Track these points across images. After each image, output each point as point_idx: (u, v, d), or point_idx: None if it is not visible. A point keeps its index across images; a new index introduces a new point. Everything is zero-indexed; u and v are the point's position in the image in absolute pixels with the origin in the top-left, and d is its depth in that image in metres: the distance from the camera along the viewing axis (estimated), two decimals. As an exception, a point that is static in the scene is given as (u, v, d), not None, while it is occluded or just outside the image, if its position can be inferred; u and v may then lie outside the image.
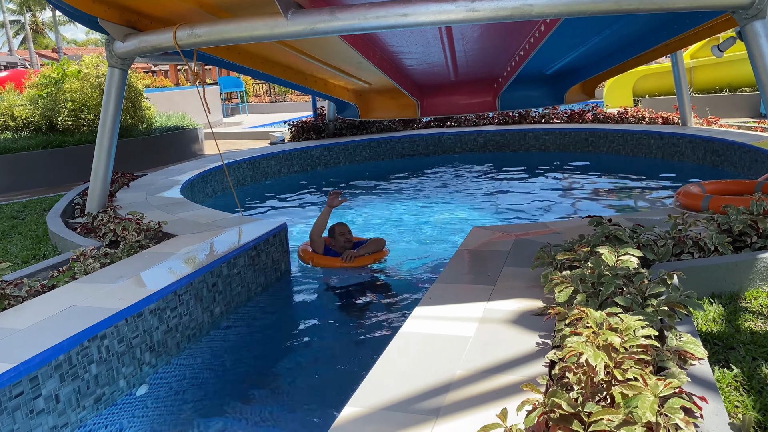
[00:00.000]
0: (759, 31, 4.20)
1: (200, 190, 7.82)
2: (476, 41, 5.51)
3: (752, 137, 7.97)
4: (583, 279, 2.74)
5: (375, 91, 7.64)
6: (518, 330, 2.69)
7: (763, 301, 3.31)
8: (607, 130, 9.89)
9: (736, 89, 13.40)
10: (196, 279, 3.76)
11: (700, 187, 5.07)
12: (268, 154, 9.55)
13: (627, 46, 6.54)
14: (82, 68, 10.31)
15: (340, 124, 11.07)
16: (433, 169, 9.88)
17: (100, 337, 3.01)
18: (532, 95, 7.39)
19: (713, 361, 2.72)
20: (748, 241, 3.65)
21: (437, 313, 2.95)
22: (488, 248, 4.02)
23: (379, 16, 3.90)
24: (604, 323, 2.22)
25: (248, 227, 4.82)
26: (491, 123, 11.41)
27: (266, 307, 4.43)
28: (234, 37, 4.34)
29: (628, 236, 3.44)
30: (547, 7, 3.80)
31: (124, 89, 5.50)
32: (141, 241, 4.43)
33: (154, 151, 10.69)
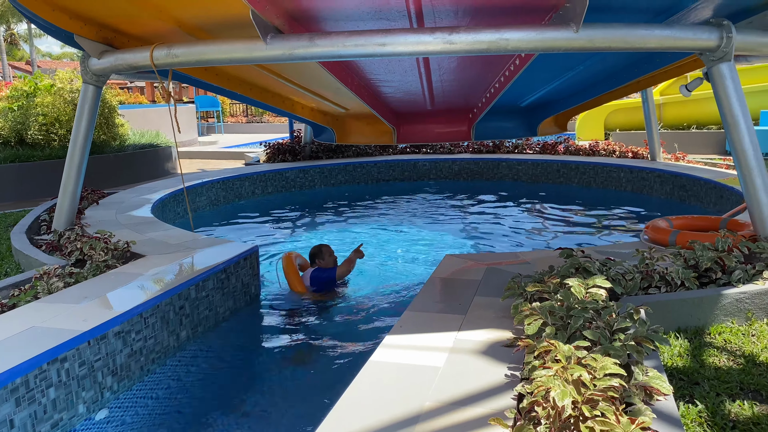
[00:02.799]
0: (725, 73, 4.33)
1: (171, 210, 7.72)
2: (453, 72, 5.59)
3: (718, 174, 8.19)
4: (553, 311, 2.76)
5: (352, 117, 7.68)
6: (488, 361, 2.69)
7: (726, 336, 3.37)
8: (579, 162, 10.07)
9: (703, 126, 13.80)
10: (162, 301, 3.69)
11: (667, 222, 5.17)
12: (243, 174, 9.49)
13: (599, 82, 6.70)
14: (55, 83, 10.18)
15: (317, 147, 11.09)
16: (408, 195, 9.93)
17: (61, 360, 2.92)
18: (506, 126, 7.50)
19: (678, 396, 2.75)
20: (713, 277, 3.72)
21: (408, 342, 2.94)
22: (460, 277, 4.03)
23: (357, 44, 3.93)
24: (573, 357, 2.24)
25: (218, 249, 4.76)
26: (466, 151, 11.53)
27: (235, 331, 4.37)
28: (212, 59, 4.33)
29: (598, 269, 3.49)
30: (522, 43, 3.88)
31: (98, 106, 5.43)
32: (108, 261, 4.34)
33: (126, 168, 10.55)
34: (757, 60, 8.06)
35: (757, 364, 3.05)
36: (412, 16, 4.20)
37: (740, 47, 4.30)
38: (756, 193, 4.35)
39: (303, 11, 4.14)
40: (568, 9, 3.83)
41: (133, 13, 4.66)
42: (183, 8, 4.50)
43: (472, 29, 3.90)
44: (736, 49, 4.26)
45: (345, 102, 6.83)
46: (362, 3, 3.95)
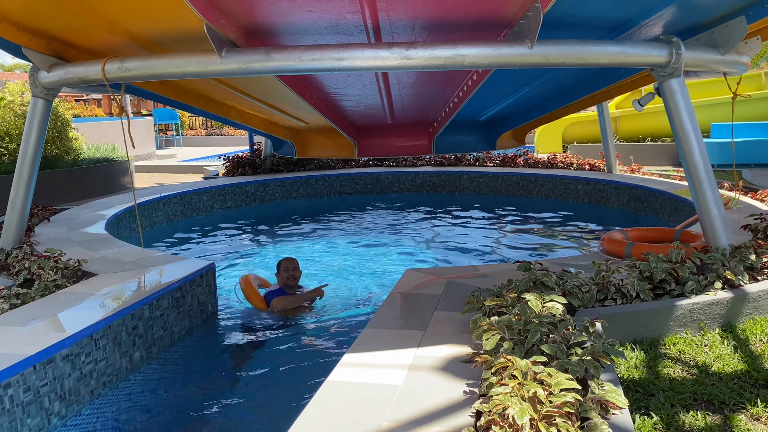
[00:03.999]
0: (675, 88, 4.45)
1: (127, 226, 7.53)
2: (412, 87, 5.62)
3: (672, 185, 8.40)
4: (510, 326, 2.76)
5: (312, 130, 7.65)
6: (446, 378, 2.67)
7: (681, 347, 3.42)
8: (538, 174, 10.22)
9: (658, 139, 14.19)
10: (114, 322, 3.57)
11: (623, 234, 5.27)
12: (201, 189, 9.34)
13: (555, 96, 6.82)
14: (5, 96, 9.87)
15: (278, 160, 10.99)
16: (370, 209, 9.91)
17: (4, 386, 2.79)
18: (466, 140, 7.57)
19: (634, 408, 2.77)
20: (667, 288, 3.79)
21: (366, 360, 2.90)
22: (421, 291, 4.02)
23: (314, 58, 3.91)
24: (529, 373, 2.23)
25: (173, 267, 4.65)
26: (428, 164, 11.60)
27: (190, 351, 4.26)
28: (166, 73, 4.24)
29: (555, 282, 3.51)
30: (479, 58, 3.91)
31: (48, 120, 5.27)
32: (57, 281, 4.19)
33: (81, 183, 10.27)
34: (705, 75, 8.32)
35: (709, 374, 3.10)
36: (369, 31, 4.21)
37: (689, 63, 4.42)
38: (707, 205, 4.46)
39: (259, 25, 4.10)
40: (522, 25, 3.89)
41: (84, 26, 4.54)
42: (135, 22, 4.40)
43: (429, 45, 3.92)
44: (686, 65, 4.38)
45: (305, 116, 6.80)
46: (319, 17, 3.94)
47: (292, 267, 5.20)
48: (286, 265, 5.20)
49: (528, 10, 3.76)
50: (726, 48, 4.55)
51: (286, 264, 5.21)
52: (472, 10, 4.01)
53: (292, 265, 5.21)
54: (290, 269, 5.18)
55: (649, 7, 4.22)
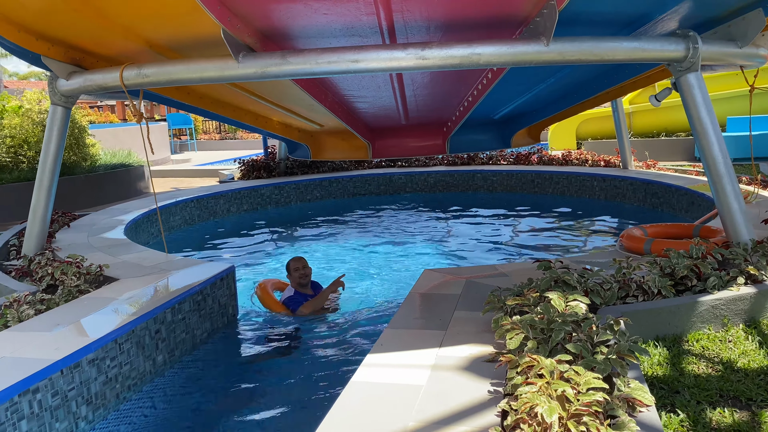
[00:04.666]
0: (692, 82, 4.42)
1: (145, 230, 7.60)
2: (426, 87, 5.62)
3: (689, 180, 8.34)
4: (533, 325, 2.75)
5: (327, 132, 7.67)
6: (470, 377, 2.67)
7: (704, 343, 3.40)
8: (552, 172, 10.18)
9: (673, 134, 14.07)
10: (137, 326, 3.61)
11: (642, 230, 5.24)
12: (217, 192, 9.40)
13: (570, 93, 6.79)
14: (23, 104, 9.99)
15: (292, 162, 11.04)
16: (384, 209, 9.92)
17: (33, 391, 2.83)
18: (480, 139, 7.55)
19: (660, 406, 2.76)
20: (689, 284, 3.77)
21: (389, 360, 2.91)
22: (439, 291, 4.02)
23: (330, 61, 3.93)
24: (555, 372, 2.23)
25: (194, 270, 4.69)
26: (441, 164, 11.59)
27: (212, 354, 4.29)
28: (183, 78, 4.28)
29: (576, 281, 3.50)
30: (494, 57, 3.91)
31: (67, 127, 5.34)
32: (80, 286, 4.25)
33: (98, 189, 10.38)
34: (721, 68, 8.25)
35: (735, 371, 3.08)
36: (384, 32, 4.22)
37: (706, 57, 4.38)
38: (727, 200, 4.43)
39: (275, 29, 4.13)
40: (538, 23, 3.88)
41: (101, 33, 4.59)
42: (152, 28, 4.45)
43: (444, 44, 3.92)
44: (703, 59, 4.34)
45: (319, 118, 6.82)
46: (334, 20, 3.95)
47: (302, 266, 5.21)
48: (295, 265, 5.20)
49: (543, 8, 3.75)
50: (743, 41, 4.51)
51: (294, 264, 5.21)
52: (486, 9, 4.00)
53: (300, 264, 5.21)
54: (300, 268, 5.19)
55: (665, 1, 4.19)
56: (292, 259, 5.28)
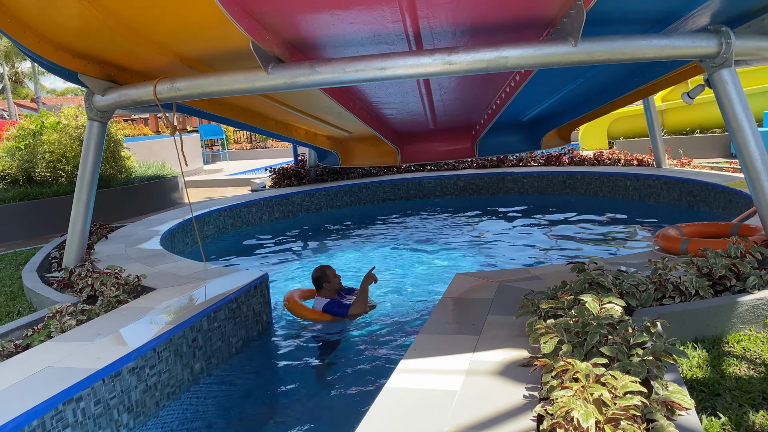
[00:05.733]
0: (726, 78, 4.33)
1: (180, 240, 7.75)
2: (453, 91, 5.62)
3: (725, 178, 8.15)
4: (568, 328, 2.73)
5: (355, 139, 7.72)
6: (505, 382, 2.66)
7: (745, 344, 3.32)
8: (584, 172, 10.05)
9: (707, 130, 13.77)
10: (175, 335, 3.69)
11: (677, 230, 5.14)
12: (249, 201, 9.52)
13: (600, 93, 6.71)
14: (61, 119, 10.29)
15: (321, 169, 11.13)
16: (414, 214, 9.93)
17: (76, 400, 2.91)
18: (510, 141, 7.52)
19: (700, 409, 2.70)
20: (727, 284, 3.69)
21: (423, 366, 2.91)
22: (472, 296, 4.01)
23: (358, 69, 3.97)
24: (591, 375, 2.21)
25: (228, 279, 4.76)
26: (470, 167, 11.55)
27: (248, 361, 4.35)
28: (214, 91, 4.37)
29: (611, 283, 3.46)
30: (522, 59, 3.90)
31: (104, 141, 5.48)
32: (119, 296, 4.35)
33: (134, 201, 10.62)
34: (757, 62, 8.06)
35: (778, 372, 3.00)
36: (410, 38, 4.24)
37: (740, 52, 4.30)
38: (765, 197, 4.32)
39: (302, 39, 4.18)
40: (565, 24, 3.86)
41: (135, 49, 4.71)
42: (184, 43, 4.55)
43: (471, 49, 3.92)
44: (736, 54, 4.26)
45: (348, 125, 6.87)
46: (361, 29, 3.99)
47: (334, 273, 5.32)
48: (329, 272, 5.29)
49: (570, 8, 3.73)
50: (779, 34, 4.41)
51: (328, 271, 5.29)
52: (512, 12, 4.00)
53: (332, 271, 5.32)
54: (336, 275, 5.30)
55: (695, -3, 4.13)
56: (327, 267, 5.34)
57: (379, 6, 3.60)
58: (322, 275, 5.28)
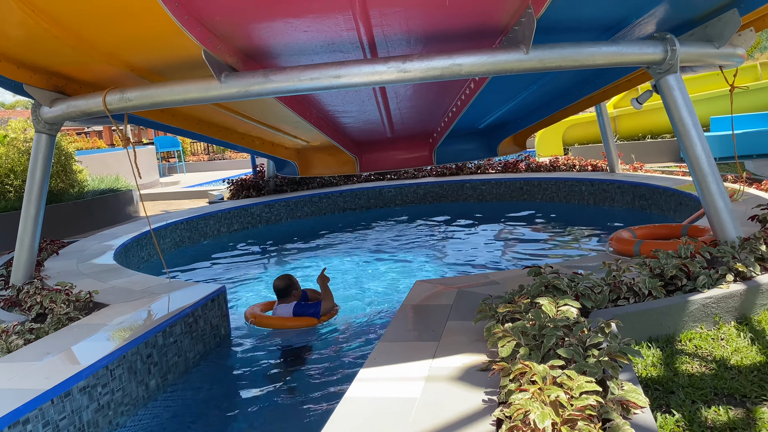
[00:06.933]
0: (672, 84, 4.47)
1: (135, 255, 7.56)
2: (410, 99, 5.64)
3: (675, 181, 8.39)
4: (525, 332, 2.75)
5: (313, 149, 7.68)
6: (464, 387, 2.66)
7: (697, 342, 3.41)
8: (541, 178, 10.22)
9: (658, 136, 14.19)
10: (129, 351, 3.58)
11: (630, 232, 5.26)
12: (207, 213, 9.37)
13: (553, 100, 6.84)
14: (8, 133, 9.96)
15: (281, 180, 11.04)
16: (375, 223, 9.92)
17: (23, 422, 2.79)
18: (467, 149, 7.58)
19: (655, 407, 2.75)
20: (679, 284, 3.78)
21: (382, 374, 2.89)
22: (432, 302, 4.01)
23: (312, 77, 3.94)
24: (548, 377, 2.23)
25: (184, 292, 4.66)
26: (430, 175, 11.62)
27: (205, 376, 4.25)
28: (166, 101, 4.28)
29: (566, 285, 3.51)
30: (475, 67, 3.94)
31: (52, 154, 5.31)
32: (70, 314, 4.21)
33: (87, 215, 10.32)
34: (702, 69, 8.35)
35: (728, 368, 3.08)
36: (365, 46, 4.24)
37: (685, 58, 4.44)
38: (712, 199, 4.46)
39: (256, 48, 4.14)
40: (517, 31, 3.91)
41: (83, 59, 4.59)
42: (134, 53, 4.45)
43: (425, 56, 3.95)
44: (681, 61, 4.40)
45: (305, 134, 6.83)
46: (315, 37, 3.98)
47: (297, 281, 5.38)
48: (294, 280, 5.35)
49: (521, 16, 3.79)
50: (720, 41, 4.57)
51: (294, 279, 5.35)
52: (465, 20, 4.04)
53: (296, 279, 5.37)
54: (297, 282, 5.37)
55: (641, 5, 4.24)
56: (291, 275, 5.37)
57: (333, 14, 3.60)
58: (291, 283, 5.28)
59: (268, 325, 5.11)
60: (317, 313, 5.10)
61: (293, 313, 5.11)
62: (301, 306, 5.14)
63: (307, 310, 5.11)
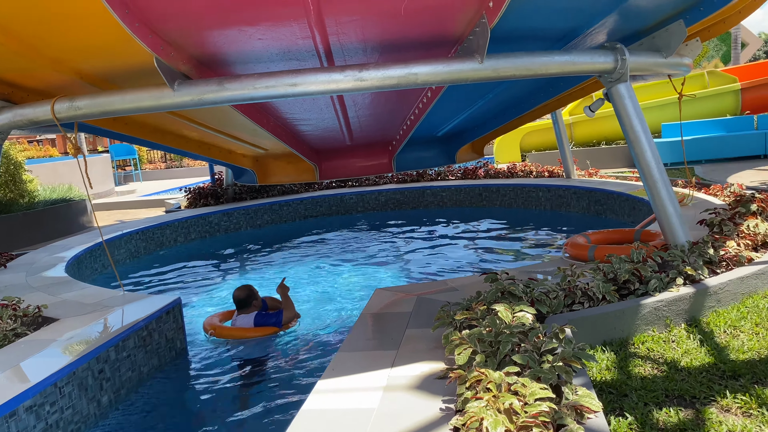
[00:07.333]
0: (623, 92, 4.58)
1: (88, 266, 7.35)
2: (368, 107, 5.65)
3: (629, 186, 8.60)
4: (481, 338, 2.77)
5: (272, 157, 7.61)
6: (422, 396, 2.66)
7: (649, 345, 3.48)
8: (499, 185, 10.35)
9: (612, 142, 14.54)
10: (79, 367, 3.47)
11: (585, 237, 5.36)
12: (163, 222, 9.18)
13: (509, 108, 6.94)
14: (-48, 141, 9.59)
15: (240, 188, 10.90)
16: (336, 230, 9.89)
17: (-36, 445, 2.68)
18: (426, 156, 7.63)
19: (609, 410, 2.80)
20: (631, 288, 3.87)
21: (340, 385, 2.87)
22: (391, 310, 4.01)
23: (268, 85, 3.90)
24: (503, 384, 2.24)
25: (138, 305, 4.55)
26: (391, 182, 11.65)
27: (160, 390, 4.15)
28: (118, 109, 4.18)
29: (522, 291, 3.55)
30: (431, 76, 3.96)
31: (0, 164, 5.14)
32: (17, 329, 4.05)
33: (37, 226, 10.00)
34: (652, 77, 8.59)
35: (678, 370, 3.16)
36: (321, 55, 4.23)
37: (634, 68, 4.55)
38: (662, 204, 4.58)
39: (210, 56, 4.09)
40: (471, 41, 3.95)
41: (29, 66, 4.45)
42: (84, 60, 4.34)
43: (382, 65, 3.95)
44: (631, 70, 4.51)
45: (263, 143, 6.77)
46: (270, 45, 3.95)
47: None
48: (254, 290, 5.29)
49: (476, 26, 3.83)
50: (668, 51, 4.71)
51: (254, 290, 5.30)
52: (421, 30, 4.07)
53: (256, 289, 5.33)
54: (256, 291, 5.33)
55: (592, 16, 4.35)
56: (251, 286, 5.32)
57: (287, 22, 3.57)
58: (251, 293, 5.24)
59: (228, 336, 5.03)
60: (279, 323, 5.08)
61: (254, 324, 5.05)
62: (262, 316, 5.09)
63: (269, 320, 5.07)
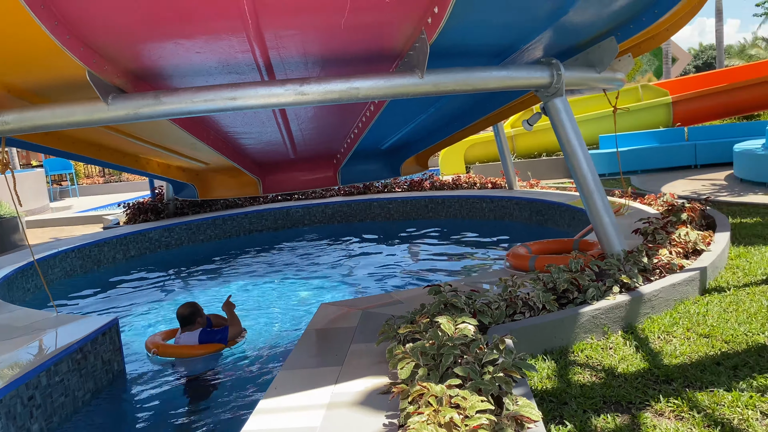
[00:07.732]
0: (559, 106, 4.72)
1: (20, 287, 7.03)
2: (311, 121, 5.62)
3: (569, 197, 8.85)
4: (424, 352, 2.78)
5: (213, 170, 7.47)
6: (365, 412, 2.64)
7: (588, 353, 3.57)
8: (444, 196, 10.48)
9: (552, 153, 14.95)
10: (6, 394, 3.30)
11: (526, 248, 5.47)
12: (101, 239, 8.87)
13: (451, 121, 7.04)
14: None
15: (181, 203, 10.66)
16: (282, 244, 9.77)
17: None
18: (370, 169, 7.65)
19: (549, 419, 2.85)
20: (570, 297, 3.96)
21: (282, 404, 2.82)
22: (336, 325, 3.98)
23: (207, 99, 3.83)
24: (444, 398, 2.25)
25: (72, 327, 4.37)
26: (338, 194, 11.63)
27: (97, 415, 3.98)
28: (49, 124, 4.02)
29: (464, 303, 3.58)
30: (372, 90, 3.98)
31: None
32: (-62, 357, 3.83)
33: (-36, 245, 9.50)
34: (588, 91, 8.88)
35: (616, 376, 3.25)
36: (261, 69, 4.19)
37: (569, 82, 4.70)
38: (598, 214, 4.72)
39: (146, 69, 3.99)
40: (412, 56, 3.99)
41: (-47, 79, 4.24)
42: (11, 73, 4.15)
43: (323, 79, 3.94)
44: (567, 84, 4.65)
45: (204, 156, 6.64)
46: (208, 58, 3.88)
47: None
48: (199, 307, 5.20)
49: (416, 42, 3.87)
50: (601, 66, 4.88)
51: (199, 306, 5.20)
52: (362, 45, 4.08)
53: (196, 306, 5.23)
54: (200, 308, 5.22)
55: (529, 32, 4.46)
56: (195, 303, 5.22)
57: (225, 36, 3.53)
58: (196, 310, 5.15)
59: (172, 354, 4.90)
60: (224, 339, 5.00)
61: (199, 341, 4.94)
62: (207, 333, 4.98)
63: (214, 337, 4.97)
